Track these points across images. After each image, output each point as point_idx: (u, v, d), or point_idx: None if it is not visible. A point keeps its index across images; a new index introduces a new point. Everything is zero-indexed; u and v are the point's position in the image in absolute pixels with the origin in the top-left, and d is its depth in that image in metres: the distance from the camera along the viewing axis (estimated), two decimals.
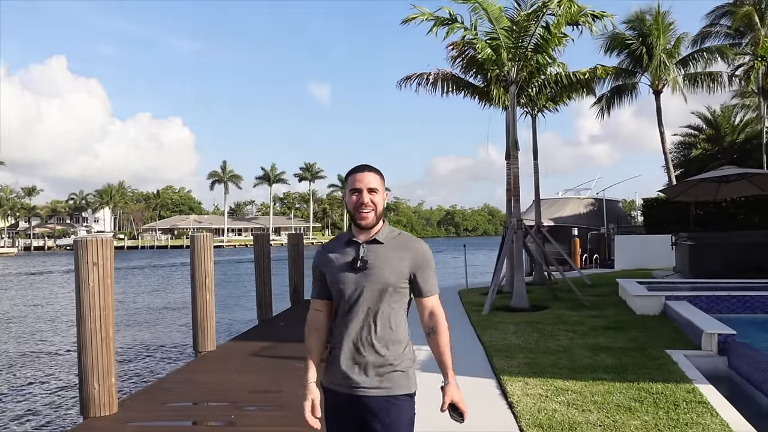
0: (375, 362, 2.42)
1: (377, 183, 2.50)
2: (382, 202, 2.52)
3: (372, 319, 2.44)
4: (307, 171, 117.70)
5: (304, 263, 13.79)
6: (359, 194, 2.47)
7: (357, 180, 2.49)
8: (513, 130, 11.60)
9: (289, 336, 9.17)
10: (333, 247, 2.56)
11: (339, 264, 2.48)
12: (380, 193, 2.50)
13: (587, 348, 7.79)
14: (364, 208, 2.46)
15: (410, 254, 2.49)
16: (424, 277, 2.51)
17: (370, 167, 2.55)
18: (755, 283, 12.05)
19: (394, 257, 2.46)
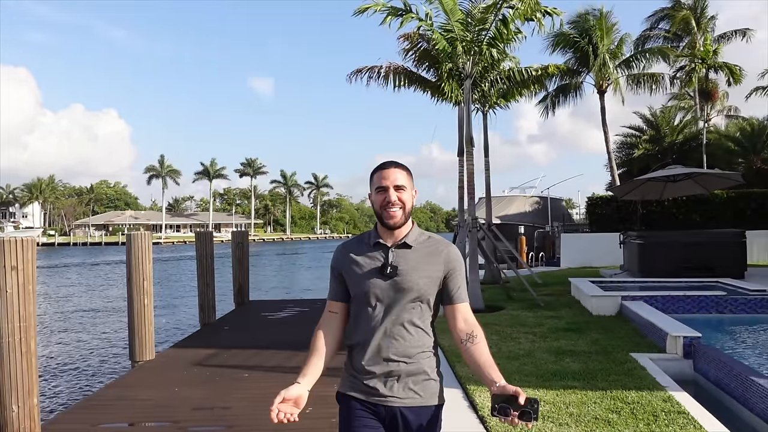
0: (405, 371, 2.28)
1: (404, 180, 2.32)
2: (411, 200, 2.34)
3: (401, 326, 2.27)
4: (248, 166, 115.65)
5: (249, 262, 13.15)
6: (386, 192, 2.29)
7: (383, 177, 2.32)
8: (467, 126, 11.28)
9: (235, 342, 8.56)
10: (356, 248, 2.38)
11: (365, 268, 2.31)
12: (408, 191, 2.33)
13: (550, 352, 7.50)
14: (391, 207, 2.28)
15: (442, 259, 2.33)
16: (456, 283, 2.35)
17: (396, 163, 2.37)
18: (706, 281, 12.15)
19: (425, 262, 2.29)
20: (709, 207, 20.61)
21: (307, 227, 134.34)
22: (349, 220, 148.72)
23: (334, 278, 2.44)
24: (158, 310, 17.54)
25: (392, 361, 2.26)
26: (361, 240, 2.42)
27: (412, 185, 2.38)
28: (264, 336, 8.95)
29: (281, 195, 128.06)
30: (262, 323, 10.17)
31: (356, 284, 2.32)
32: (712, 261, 13.23)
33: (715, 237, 13.54)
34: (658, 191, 16.21)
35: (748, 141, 29.32)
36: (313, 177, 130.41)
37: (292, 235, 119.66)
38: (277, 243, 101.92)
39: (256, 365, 7.10)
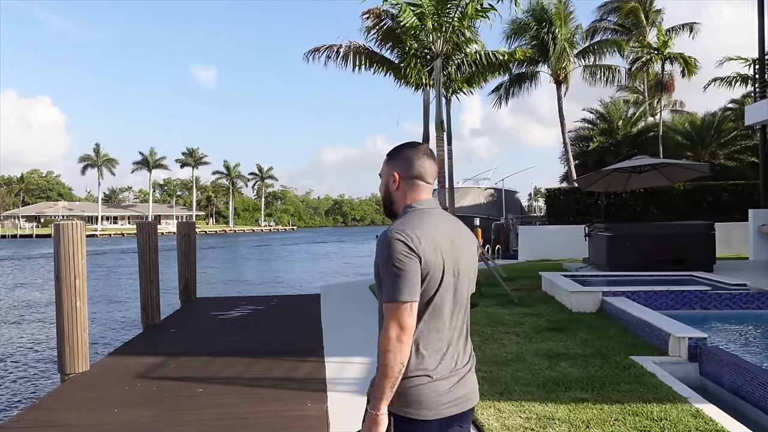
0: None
1: (382, 168, 2.24)
2: (383, 188, 2.23)
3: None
4: (189, 156, 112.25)
5: (197, 255, 12.03)
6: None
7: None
8: (438, 108, 10.47)
9: (185, 347, 7.51)
10: None
11: None
12: (381, 179, 2.23)
13: (541, 355, 6.78)
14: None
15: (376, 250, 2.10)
16: (380, 275, 2.04)
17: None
18: (680, 275, 11.74)
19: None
20: (665, 199, 20.50)
21: (250, 219, 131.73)
22: (294, 212, 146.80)
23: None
24: (93, 310, 16.11)
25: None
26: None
27: (389, 170, 2.20)
28: (217, 340, 7.93)
29: (224, 186, 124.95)
30: (214, 324, 9.12)
31: None
32: (682, 254, 12.87)
33: (686, 230, 13.18)
34: (623, 182, 15.83)
35: (698, 134, 29.63)
36: (258, 168, 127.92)
37: (235, 228, 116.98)
38: (219, 235, 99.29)
39: (211, 377, 6.10)
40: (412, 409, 2.03)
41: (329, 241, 77.31)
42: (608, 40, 24.50)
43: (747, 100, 39.03)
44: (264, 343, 7.66)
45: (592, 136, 29.14)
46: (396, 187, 2.17)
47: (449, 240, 2.09)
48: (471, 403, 2.17)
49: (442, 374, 2.07)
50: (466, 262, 2.16)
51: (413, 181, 2.17)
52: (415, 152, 2.18)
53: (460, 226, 2.21)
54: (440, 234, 2.08)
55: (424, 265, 2.00)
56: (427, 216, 2.10)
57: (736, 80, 21.82)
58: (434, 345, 2.08)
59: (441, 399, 2.05)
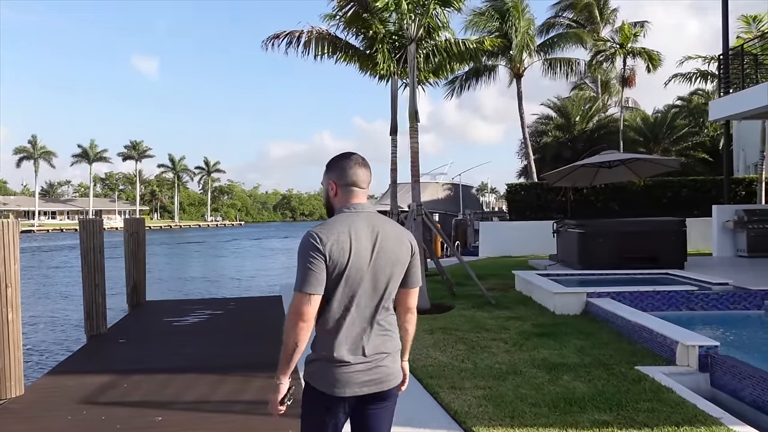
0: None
1: (323, 178, 2.52)
2: (324, 195, 2.51)
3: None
4: (132, 149, 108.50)
5: (146, 255, 11.04)
6: None
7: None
8: (412, 97, 9.78)
9: (137, 362, 6.61)
10: None
11: None
12: (323, 187, 2.52)
13: (536, 366, 6.19)
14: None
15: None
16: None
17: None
18: (655, 273, 11.41)
19: None
20: (626, 195, 20.40)
21: (197, 214, 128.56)
22: (241, 207, 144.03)
23: None
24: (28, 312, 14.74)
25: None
26: None
27: (328, 179, 2.47)
28: (174, 352, 7.05)
29: (169, 180, 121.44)
30: (168, 333, 8.22)
31: None
32: (655, 251, 12.56)
33: (658, 226, 12.89)
34: (590, 177, 15.53)
35: (650, 131, 29.89)
36: (204, 162, 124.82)
37: (181, 223, 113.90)
38: (165, 231, 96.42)
39: (171, 400, 5.26)
40: (319, 384, 2.34)
41: (278, 236, 75.80)
42: (570, 32, 24.25)
43: (693, 98, 39.81)
44: (228, 356, 6.84)
45: (547, 130, 29.03)
46: (334, 193, 2.46)
47: (368, 239, 2.34)
48: (381, 387, 2.40)
49: (344, 359, 2.32)
50: (389, 259, 2.38)
51: (348, 187, 2.45)
52: (348, 162, 2.47)
53: (388, 227, 2.43)
54: (355, 234, 2.32)
55: (330, 262, 2.27)
56: (347, 218, 2.37)
57: (696, 76, 21.96)
58: (338, 333, 2.34)
59: (347, 379, 2.32)
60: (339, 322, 2.34)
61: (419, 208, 9.51)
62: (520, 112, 23.49)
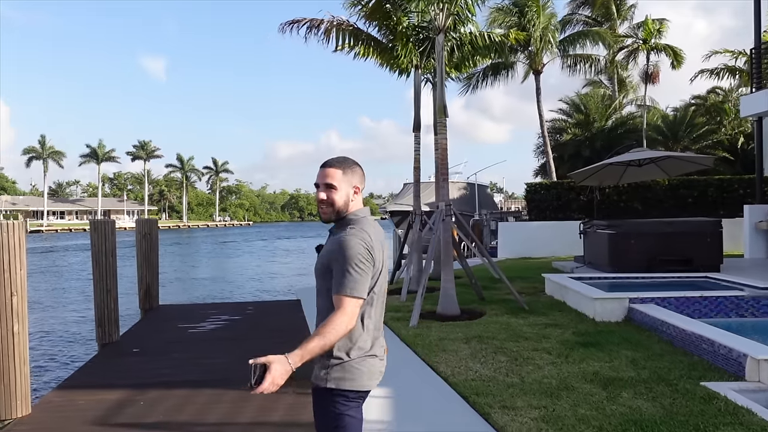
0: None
1: (336, 179, 2.45)
2: (343, 199, 2.46)
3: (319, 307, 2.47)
4: (141, 149, 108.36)
5: (158, 257, 10.55)
6: (317, 190, 2.48)
7: (318, 175, 2.49)
8: (440, 90, 9.22)
9: (152, 374, 6.10)
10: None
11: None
12: (340, 190, 2.45)
13: (590, 380, 5.65)
14: (320, 204, 2.49)
15: (329, 247, 2.45)
16: (334, 271, 2.37)
17: (332, 162, 2.50)
18: (693, 277, 10.85)
19: (325, 250, 2.48)
20: (649, 194, 19.80)
21: (205, 214, 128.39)
22: (249, 206, 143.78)
23: None
24: (35, 324, 14.16)
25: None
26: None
27: (350, 183, 2.47)
28: (192, 363, 6.54)
29: (177, 180, 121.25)
30: (184, 341, 7.71)
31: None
32: (690, 253, 11.96)
33: (693, 227, 12.28)
34: (617, 176, 14.93)
35: (669, 129, 29.22)
36: (213, 161, 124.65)
37: (189, 223, 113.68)
38: (173, 231, 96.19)
39: (194, 420, 4.75)
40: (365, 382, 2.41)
41: (290, 236, 75.31)
42: (592, 30, 23.61)
43: (710, 96, 39.03)
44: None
45: (566, 128, 28.41)
46: (352, 198, 2.49)
47: (380, 242, 2.48)
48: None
49: (379, 356, 2.49)
50: (385, 261, 2.51)
51: (361, 193, 2.56)
52: (361, 168, 2.56)
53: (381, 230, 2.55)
54: (379, 238, 2.47)
55: (375, 267, 2.41)
56: (371, 223, 2.50)
57: (723, 72, 21.27)
58: (377, 333, 2.50)
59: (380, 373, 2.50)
60: (377, 323, 2.50)
61: (448, 208, 8.96)
62: (538, 109, 22.91)
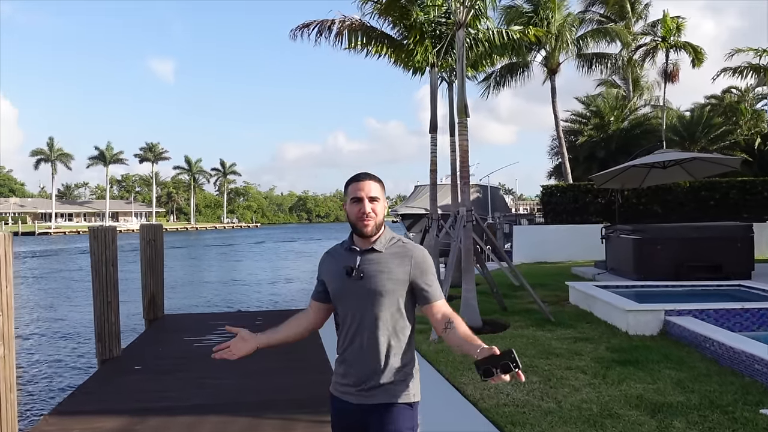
0: (372, 370, 2.33)
1: (378, 191, 2.42)
2: (383, 211, 2.45)
3: (368, 328, 2.34)
4: (149, 151, 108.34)
5: (164, 264, 10.06)
6: (360, 203, 2.38)
7: (358, 188, 2.40)
8: (461, 88, 8.70)
9: (155, 396, 5.60)
10: (336, 253, 2.51)
11: (336, 272, 2.41)
12: (381, 202, 2.43)
13: (633, 405, 5.12)
14: (366, 218, 2.37)
15: (408, 260, 2.38)
16: (427, 282, 2.40)
17: (370, 175, 2.47)
18: (726, 285, 10.28)
19: (391, 265, 2.37)
20: (670, 197, 19.21)
21: (212, 216, 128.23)
22: (257, 208, 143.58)
23: (318, 281, 2.54)
24: (32, 332, 13.61)
25: (363, 361, 2.32)
26: (341, 245, 2.49)
27: (384, 196, 2.46)
28: (197, 383, 6.04)
29: (185, 182, 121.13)
30: (189, 356, 7.21)
31: (330, 287, 2.44)
32: (719, 258, 11.43)
33: (723, 231, 11.74)
34: (640, 178, 14.36)
35: (686, 129, 28.58)
36: (220, 163, 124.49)
37: (197, 225, 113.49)
38: (181, 233, 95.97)
39: None
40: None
41: (299, 239, 74.90)
42: (608, 28, 22.98)
43: (726, 96, 38.26)
44: (261, 389, 5.81)
45: (581, 129, 27.79)
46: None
47: None
48: None
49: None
50: None
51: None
52: None
53: None
54: None
55: None
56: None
57: (747, 70, 20.65)
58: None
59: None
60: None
61: (470, 214, 8.44)
62: (553, 109, 22.36)
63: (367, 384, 2.31)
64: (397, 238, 2.45)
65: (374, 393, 2.31)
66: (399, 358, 2.34)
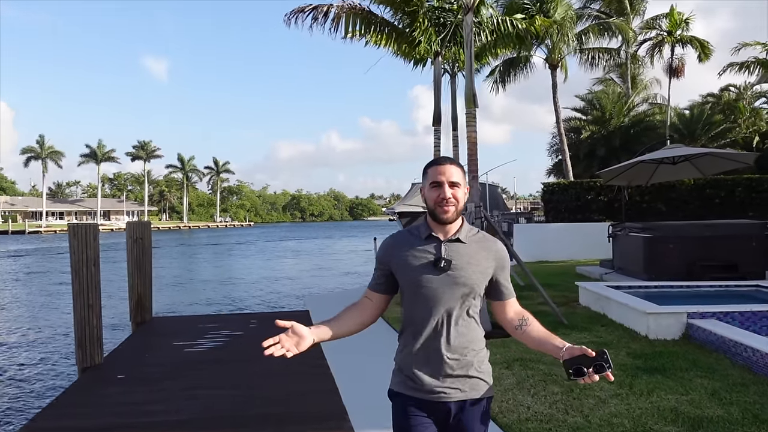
0: (453, 366, 2.19)
1: (459, 176, 2.25)
2: (464, 197, 2.27)
3: (451, 322, 2.20)
4: (141, 149, 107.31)
5: (152, 264, 9.51)
6: (441, 188, 2.21)
7: (439, 172, 2.23)
8: (469, 77, 8.20)
9: (138, 411, 5.05)
10: (408, 240, 2.28)
11: (418, 262, 2.21)
12: (462, 188, 2.25)
13: (669, 420, 4.63)
14: (446, 204, 2.20)
15: (493, 254, 2.27)
16: (506, 277, 2.31)
17: (452, 160, 2.31)
18: (743, 286, 9.83)
19: (477, 257, 2.23)
20: (674, 195, 18.78)
21: (205, 215, 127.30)
22: (250, 207, 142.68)
23: (380, 270, 2.33)
24: (8, 341, 12.84)
25: (444, 356, 2.19)
26: (411, 233, 2.31)
27: (465, 182, 2.30)
28: (186, 394, 5.50)
29: (177, 181, 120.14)
30: (178, 364, 6.67)
31: (408, 277, 2.23)
32: (733, 258, 10.98)
33: (737, 230, 11.29)
34: (647, 175, 13.90)
35: (686, 127, 28.19)
36: (213, 162, 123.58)
37: (189, 223, 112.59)
38: (174, 231, 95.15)
39: None
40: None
41: (293, 238, 74.16)
42: (608, 22, 22.54)
43: (724, 94, 37.85)
44: (255, 402, 5.27)
45: (581, 126, 27.35)
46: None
47: None
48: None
49: None
50: None
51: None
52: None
53: None
54: None
55: None
56: None
57: (754, 65, 20.22)
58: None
59: None
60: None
61: (478, 210, 7.94)
62: (555, 105, 21.90)
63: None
64: (476, 230, 2.34)
65: (460, 387, 2.22)
66: (473, 350, 2.24)
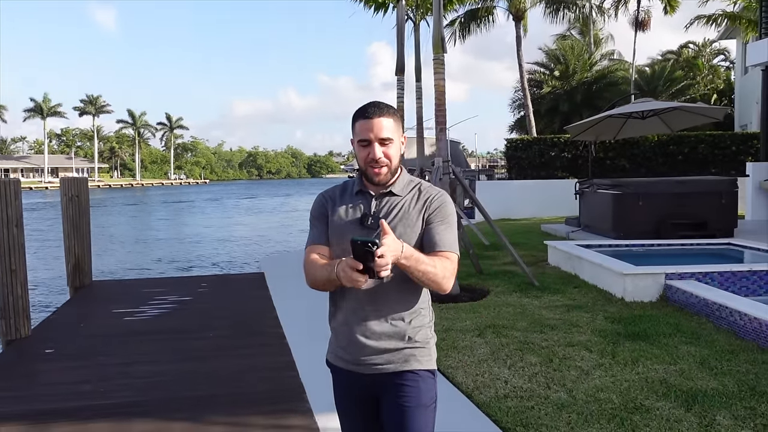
0: (385, 334, 1.97)
1: (391, 130, 1.96)
2: (399, 152, 2.01)
3: (383, 285, 1.89)
4: (89, 104, 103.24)
5: (91, 224, 8.71)
6: (370, 147, 1.94)
7: (366, 128, 1.93)
8: (437, 20, 7.50)
9: (64, 389, 4.41)
10: (338, 196, 2.08)
11: (345, 219, 2.00)
12: (395, 142, 1.98)
13: (660, 394, 4.23)
14: (375, 165, 1.94)
15: (427, 205, 1.99)
16: (443, 230, 1.97)
17: (381, 109, 1.95)
18: (715, 244, 9.61)
19: (411, 211, 1.99)
20: (637, 151, 18.57)
21: (159, 172, 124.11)
22: (205, 164, 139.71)
23: (317, 223, 2.06)
24: None
25: (371, 322, 1.97)
26: (344, 188, 2.10)
27: (401, 132, 2.04)
28: (122, 371, 4.86)
29: (129, 137, 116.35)
30: (117, 336, 5.99)
31: (335, 236, 2.01)
32: (703, 215, 10.73)
33: (707, 186, 11.03)
34: (615, 130, 13.52)
35: (647, 84, 28.04)
36: (166, 117, 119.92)
37: (142, 181, 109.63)
38: (125, 189, 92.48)
39: None
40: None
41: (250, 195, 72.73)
42: None
43: (683, 51, 37.83)
44: (205, 379, 4.67)
45: (545, 80, 26.90)
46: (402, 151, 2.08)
47: None
48: None
49: None
50: None
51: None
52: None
53: None
54: None
55: None
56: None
57: (721, 18, 19.90)
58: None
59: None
60: None
61: (446, 165, 7.38)
62: (518, 59, 21.34)
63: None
64: (417, 181, 2.08)
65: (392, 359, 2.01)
66: (408, 315, 2.02)
